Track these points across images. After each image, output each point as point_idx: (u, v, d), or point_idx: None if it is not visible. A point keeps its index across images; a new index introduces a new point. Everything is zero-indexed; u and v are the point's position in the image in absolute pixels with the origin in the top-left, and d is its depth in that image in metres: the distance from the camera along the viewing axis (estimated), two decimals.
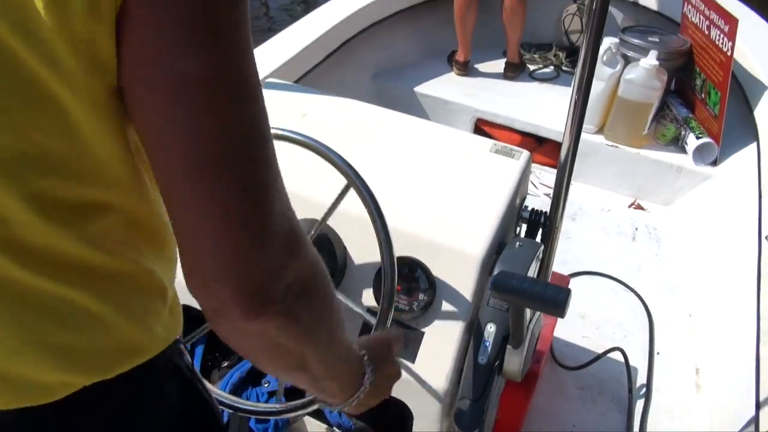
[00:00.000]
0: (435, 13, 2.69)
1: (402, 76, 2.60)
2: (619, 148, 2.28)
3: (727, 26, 2.02)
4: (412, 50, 2.72)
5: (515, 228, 1.07)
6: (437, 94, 2.50)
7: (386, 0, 2.48)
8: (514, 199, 1.00)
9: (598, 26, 0.92)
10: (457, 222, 0.94)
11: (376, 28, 2.46)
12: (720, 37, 2.06)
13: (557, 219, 1.09)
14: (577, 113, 1.01)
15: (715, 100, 2.12)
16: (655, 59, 2.14)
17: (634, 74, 2.18)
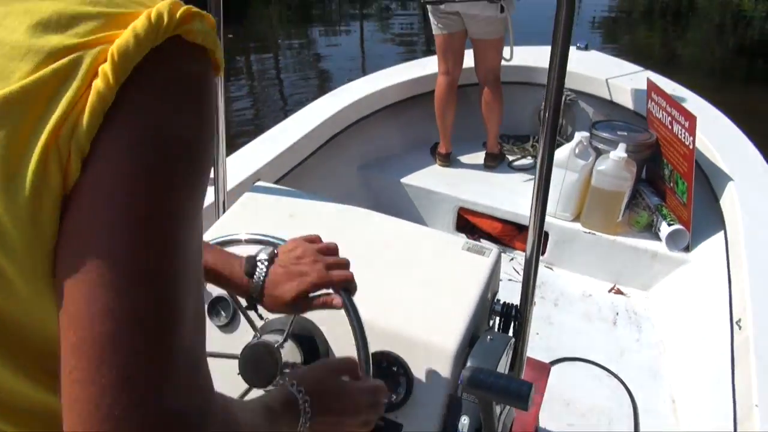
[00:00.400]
0: (418, 108, 2.86)
1: (387, 168, 2.73)
2: (596, 234, 2.38)
3: (687, 122, 2.17)
4: (397, 143, 2.87)
5: (488, 321, 1.13)
6: (421, 185, 2.62)
7: (372, 97, 2.64)
8: (485, 294, 1.07)
9: (554, 117, 1.03)
10: (432, 317, 1.00)
11: (362, 122, 2.61)
12: (682, 131, 2.21)
13: (527, 310, 1.15)
14: (539, 202, 1.07)
15: (682, 189, 2.24)
16: (623, 152, 2.28)
17: (606, 166, 2.32)
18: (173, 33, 0.42)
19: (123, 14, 0.42)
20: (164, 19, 0.41)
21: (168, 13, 0.41)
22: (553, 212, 2.44)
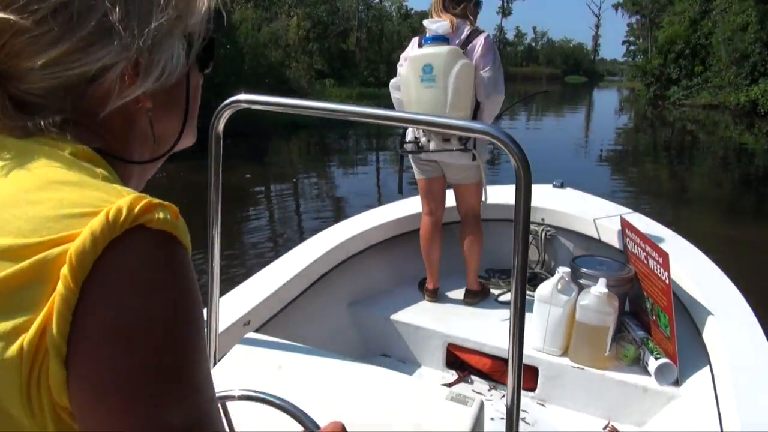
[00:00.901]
0: (405, 245, 2.99)
1: (376, 304, 2.80)
2: (584, 369, 2.39)
3: (660, 258, 2.26)
4: (386, 279, 2.96)
5: None
6: (409, 321, 2.68)
7: (360, 236, 2.78)
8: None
9: (523, 251, 1.12)
10: None
11: (351, 260, 2.72)
12: (657, 267, 2.29)
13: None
14: (516, 335, 1.13)
15: (665, 322, 2.28)
16: (604, 287, 2.35)
17: (588, 300, 2.38)
18: (132, 225, 0.44)
19: (85, 213, 0.45)
20: (122, 213, 0.44)
21: (127, 208, 0.44)
22: (540, 347, 2.48)
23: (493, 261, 3.03)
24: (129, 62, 0.53)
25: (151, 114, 0.59)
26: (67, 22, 0.50)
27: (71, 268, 0.42)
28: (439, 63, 2.57)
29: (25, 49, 0.49)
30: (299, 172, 11.15)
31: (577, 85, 66.44)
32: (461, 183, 2.78)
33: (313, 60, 25.60)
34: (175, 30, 0.56)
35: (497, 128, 1.14)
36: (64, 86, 0.52)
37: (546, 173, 10.18)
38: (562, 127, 21.68)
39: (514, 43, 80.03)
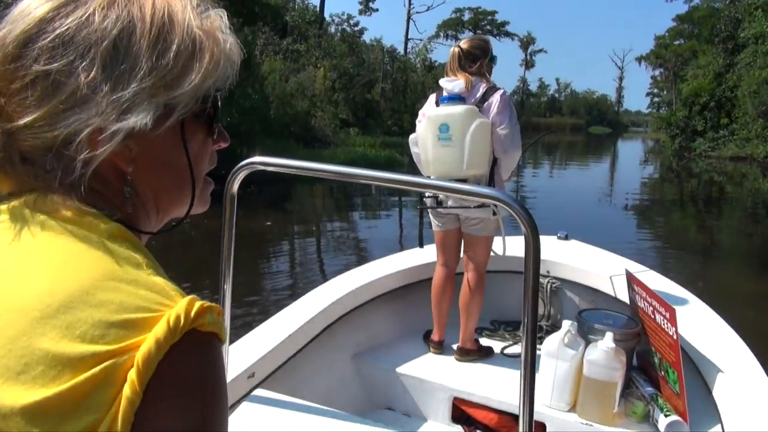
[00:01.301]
0: (411, 296, 2.99)
1: (381, 356, 2.78)
2: (593, 426, 2.34)
3: (668, 313, 2.24)
4: (390, 330, 2.95)
5: None
6: (415, 374, 2.65)
7: (366, 286, 2.77)
8: None
9: (533, 312, 1.15)
10: None
11: (357, 311, 2.72)
12: (664, 322, 2.27)
13: None
14: (527, 391, 1.15)
15: (673, 378, 2.24)
16: (611, 341, 2.33)
17: (595, 355, 2.36)
18: (188, 329, 0.50)
19: (146, 318, 0.50)
20: (181, 320, 0.49)
21: (184, 315, 0.50)
22: (548, 402, 2.44)
23: (499, 312, 3.02)
24: (97, 128, 0.55)
25: (133, 178, 0.61)
26: (45, 89, 0.54)
27: (138, 373, 0.47)
28: (456, 122, 2.64)
29: (16, 110, 0.55)
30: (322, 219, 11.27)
31: (601, 135, 66.48)
32: (474, 235, 2.80)
33: (338, 109, 26.15)
34: (155, 99, 0.57)
35: (507, 194, 1.18)
36: (45, 146, 0.56)
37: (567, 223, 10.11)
38: (586, 177, 21.65)
39: (537, 94, 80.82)
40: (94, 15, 0.56)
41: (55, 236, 0.55)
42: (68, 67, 0.54)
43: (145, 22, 0.57)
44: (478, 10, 66.40)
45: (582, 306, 2.83)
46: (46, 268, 0.52)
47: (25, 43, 0.55)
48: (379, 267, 2.99)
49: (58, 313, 0.49)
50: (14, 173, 0.57)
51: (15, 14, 0.57)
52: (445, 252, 2.88)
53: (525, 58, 73.94)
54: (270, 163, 1.37)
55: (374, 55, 34.47)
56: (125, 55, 0.56)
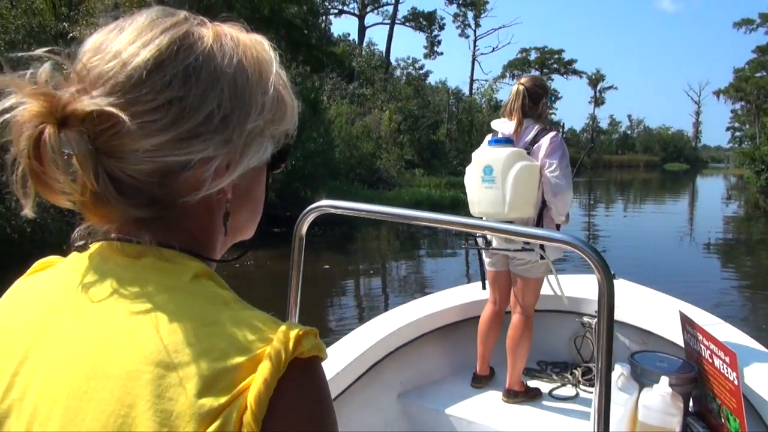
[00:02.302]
0: (459, 333, 2.97)
1: (427, 395, 2.77)
2: None
3: (727, 358, 2.15)
4: (438, 369, 2.94)
5: None
6: (462, 415, 2.62)
7: (413, 324, 2.78)
8: None
9: (607, 356, 1.13)
10: None
11: (403, 349, 2.72)
12: (724, 366, 2.17)
13: None
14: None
15: (735, 426, 2.13)
16: (667, 386, 2.24)
17: (651, 401, 2.27)
18: (291, 359, 0.52)
19: (251, 359, 0.51)
20: (282, 355, 0.51)
21: (284, 349, 0.52)
22: None
23: (546, 353, 2.96)
24: (224, 157, 0.59)
25: (229, 206, 0.64)
26: (178, 114, 0.56)
27: (253, 415, 0.49)
28: (498, 165, 2.66)
29: (134, 132, 0.54)
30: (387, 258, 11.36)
31: (677, 172, 63.94)
32: (522, 275, 2.79)
33: (403, 151, 26.52)
34: (266, 132, 0.62)
35: (579, 239, 1.17)
36: (161, 171, 0.57)
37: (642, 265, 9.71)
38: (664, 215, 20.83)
39: (608, 131, 78.94)
40: (213, 50, 0.59)
41: (142, 288, 0.55)
42: (201, 94, 0.57)
43: (249, 59, 0.62)
44: (544, 50, 66.20)
45: (633, 348, 2.74)
46: (143, 326, 0.53)
47: (156, 69, 0.56)
48: (428, 303, 3.00)
49: (168, 372, 0.50)
50: (105, 203, 0.57)
51: (123, 42, 0.57)
52: (495, 291, 2.88)
53: (594, 95, 72.70)
54: (338, 206, 1.45)
55: (439, 96, 34.91)
56: (243, 89, 0.60)
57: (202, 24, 0.62)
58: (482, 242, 2.84)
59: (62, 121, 0.53)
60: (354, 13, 47.71)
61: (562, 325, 3.04)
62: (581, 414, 2.63)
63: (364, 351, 2.49)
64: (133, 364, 0.51)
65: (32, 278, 0.66)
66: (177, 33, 0.58)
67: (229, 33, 0.63)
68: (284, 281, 1.58)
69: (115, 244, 0.59)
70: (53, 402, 0.53)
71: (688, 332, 2.42)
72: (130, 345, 0.52)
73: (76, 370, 0.53)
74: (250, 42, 0.64)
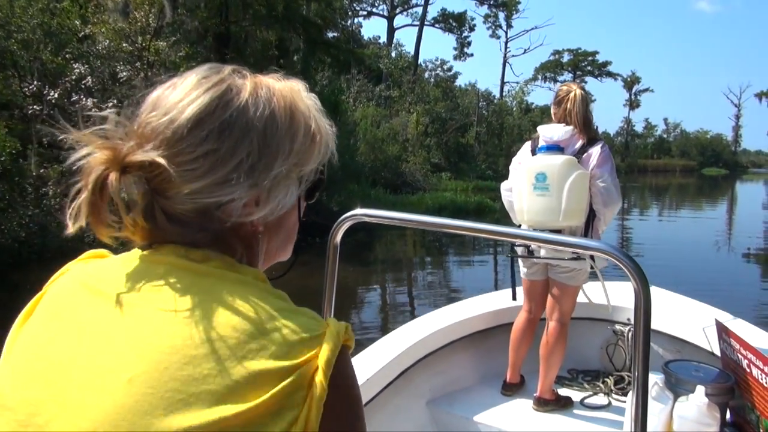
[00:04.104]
0: (490, 341, 2.98)
1: (457, 403, 2.77)
2: None
3: (766, 367, 2.12)
4: (468, 376, 2.95)
5: None
6: (491, 423, 2.63)
7: (443, 331, 2.78)
8: None
9: (644, 365, 1.14)
10: None
11: (433, 355, 2.72)
12: (763, 377, 2.15)
13: None
14: None
15: None
16: (704, 396, 2.22)
17: (686, 410, 2.25)
18: (343, 342, 0.65)
19: (315, 336, 0.63)
20: (341, 336, 0.65)
21: (338, 333, 0.65)
22: None
23: (577, 361, 2.95)
24: (253, 197, 0.70)
25: (261, 236, 0.75)
26: (212, 164, 0.67)
27: (324, 374, 0.61)
28: (553, 173, 2.66)
29: (177, 179, 0.66)
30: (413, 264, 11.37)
31: (716, 177, 62.63)
32: (563, 283, 2.78)
33: (430, 154, 26.51)
34: (292, 174, 0.73)
35: (615, 247, 1.19)
36: (200, 209, 0.68)
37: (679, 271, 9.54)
38: (701, 221, 20.44)
39: (643, 135, 77.71)
40: (248, 104, 0.69)
41: (217, 281, 0.66)
42: (233, 146, 0.67)
43: (281, 109, 0.72)
44: (578, 52, 65.49)
45: (666, 357, 2.71)
46: (222, 307, 0.63)
47: (196, 126, 0.67)
48: (458, 310, 3.01)
49: (252, 339, 0.61)
50: (158, 230, 0.68)
51: (174, 99, 0.69)
52: (530, 300, 2.89)
53: (629, 98, 71.63)
54: (373, 215, 1.49)
55: (468, 99, 34.82)
56: (271, 138, 0.70)
57: (243, 77, 0.73)
58: (523, 251, 2.83)
59: (123, 169, 0.66)
60: (383, 15, 47.90)
61: (594, 332, 3.03)
62: (613, 423, 2.62)
63: (394, 358, 2.50)
64: (219, 330, 0.61)
65: (87, 265, 0.73)
66: (218, 91, 0.69)
67: (266, 85, 0.73)
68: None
69: (181, 248, 0.69)
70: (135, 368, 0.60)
71: (724, 341, 2.40)
72: (213, 319, 0.62)
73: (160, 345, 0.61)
74: (286, 90, 0.74)
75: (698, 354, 2.62)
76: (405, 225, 1.47)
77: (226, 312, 0.62)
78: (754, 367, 2.20)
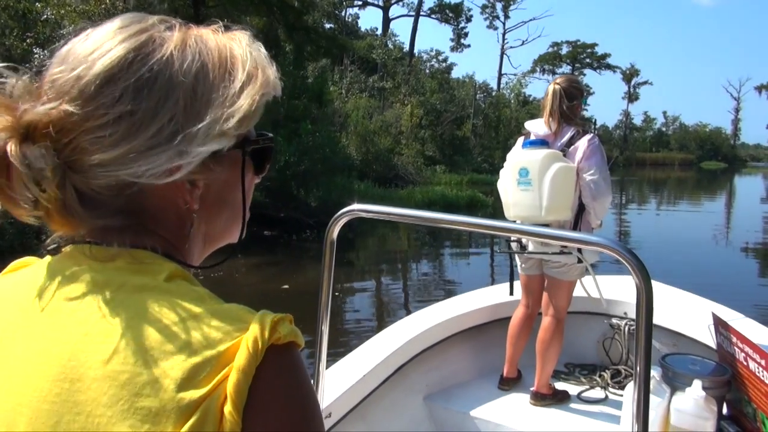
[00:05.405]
0: (486, 335, 3.02)
1: (454, 398, 2.80)
2: None
3: (763, 360, 2.16)
4: (464, 371, 2.97)
5: None
6: (488, 418, 2.65)
7: (440, 326, 2.81)
8: None
9: (646, 359, 1.14)
10: None
11: (429, 351, 2.75)
12: (759, 369, 2.19)
13: None
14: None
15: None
16: (701, 389, 2.26)
17: (683, 403, 2.29)
18: (268, 346, 0.53)
19: (227, 349, 0.52)
20: (259, 342, 0.52)
21: (260, 336, 0.53)
22: None
23: (574, 355, 2.98)
24: (175, 165, 0.59)
25: (196, 215, 0.65)
26: (129, 128, 0.57)
27: (234, 404, 0.51)
28: (534, 167, 2.69)
29: (89, 148, 0.56)
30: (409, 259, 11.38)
31: (714, 171, 62.92)
32: (556, 278, 2.82)
33: (424, 147, 26.50)
34: (226, 136, 0.62)
35: (615, 241, 1.19)
36: (117, 185, 0.58)
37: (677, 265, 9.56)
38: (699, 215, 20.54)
39: (642, 128, 77.92)
40: (172, 58, 0.59)
41: (116, 292, 0.56)
42: (154, 107, 0.57)
43: (214, 61, 0.62)
44: (576, 44, 65.46)
45: (663, 350, 2.75)
46: (117, 328, 0.54)
47: (106, 83, 0.57)
48: (454, 305, 3.04)
49: (145, 369, 0.51)
50: (72, 215, 0.59)
51: (84, 52, 0.59)
52: (527, 295, 2.92)
53: (628, 90, 71.72)
54: (369, 210, 1.50)
55: (465, 90, 34.80)
56: (202, 97, 0.60)
57: (171, 28, 0.63)
58: (516, 246, 2.86)
59: (25, 136, 0.56)
60: (378, 5, 47.79)
61: (591, 326, 3.07)
62: (610, 417, 2.66)
63: (390, 354, 2.52)
64: (109, 365, 0.52)
65: (5, 278, 0.67)
66: (136, 42, 0.59)
67: (198, 36, 0.63)
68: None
69: (85, 247, 0.61)
70: (19, 405, 0.54)
71: (721, 334, 2.44)
72: (105, 346, 0.53)
73: (46, 373, 0.54)
74: (223, 42, 0.65)
75: (695, 348, 2.66)
76: (401, 221, 1.49)
77: (119, 339, 0.53)
78: (751, 361, 2.24)
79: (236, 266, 8.20)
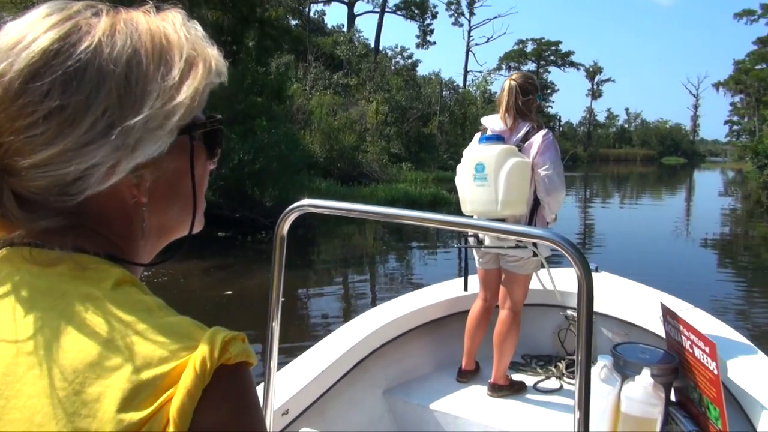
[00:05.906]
0: (444, 329, 3.06)
1: (413, 392, 2.84)
2: None
3: (707, 348, 2.25)
4: (423, 365, 3.02)
5: None
6: (447, 410, 2.70)
7: (398, 320, 2.85)
8: None
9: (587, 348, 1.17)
10: None
11: (388, 345, 2.79)
12: (704, 357, 2.28)
13: None
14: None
15: (715, 415, 2.24)
16: (649, 377, 2.35)
17: (633, 391, 2.37)
18: (217, 367, 0.50)
19: (173, 369, 0.50)
20: (207, 363, 0.50)
21: (209, 356, 0.50)
22: None
23: (530, 346, 3.06)
24: (115, 160, 0.56)
25: (146, 209, 0.62)
26: (61, 125, 0.54)
27: (176, 427, 0.48)
28: (490, 162, 2.74)
29: (22, 149, 0.54)
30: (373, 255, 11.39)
31: (674, 166, 64.56)
32: (511, 272, 2.88)
33: (389, 144, 26.53)
34: (164, 123, 0.58)
35: (558, 234, 1.22)
36: (58, 184, 0.55)
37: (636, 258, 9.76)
38: (660, 209, 21.06)
39: (605, 125, 79.50)
40: (101, 45, 0.56)
41: (57, 299, 0.54)
42: (85, 100, 0.54)
43: (147, 47, 0.59)
44: (541, 41, 66.44)
45: (615, 340, 2.85)
46: (57, 341, 0.51)
47: (32, 78, 0.54)
48: (412, 300, 3.08)
49: (84, 388, 0.48)
50: (8, 219, 0.56)
51: (7, 44, 0.55)
52: (485, 289, 2.98)
53: (591, 88, 73.09)
54: (320, 205, 1.51)
55: (431, 87, 34.94)
56: (136, 84, 0.57)
57: (97, 14, 0.59)
58: (474, 241, 2.92)
59: None
60: (343, 1, 47.61)
61: (547, 318, 3.15)
62: (565, 407, 2.74)
63: (349, 349, 2.54)
64: (46, 381, 0.49)
65: None
66: (60, 31, 0.56)
67: (127, 19, 0.60)
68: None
69: (25, 250, 0.57)
70: None
71: (669, 323, 2.53)
72: (43, 361, 0.50)
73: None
74: (155, 24, 0.62)
75: (646, 337, 2.75)
76: (352, 215, 1.49)
77: (58, 354, 0.50)
78: (696, 348, 2.34)
79: (183, 270, 7.93)
